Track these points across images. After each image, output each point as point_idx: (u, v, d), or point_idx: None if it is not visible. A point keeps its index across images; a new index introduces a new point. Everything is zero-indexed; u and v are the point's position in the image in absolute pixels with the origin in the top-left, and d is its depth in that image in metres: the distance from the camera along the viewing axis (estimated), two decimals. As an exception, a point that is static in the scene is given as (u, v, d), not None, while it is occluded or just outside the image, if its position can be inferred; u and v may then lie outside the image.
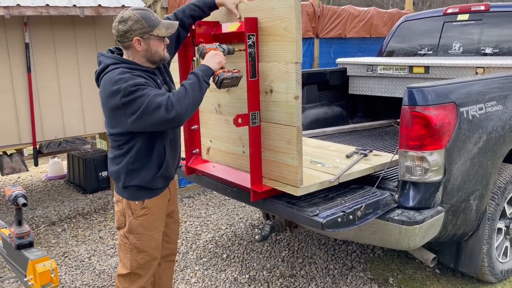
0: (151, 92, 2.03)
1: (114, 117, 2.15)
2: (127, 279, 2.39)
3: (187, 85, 2.11)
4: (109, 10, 4.62)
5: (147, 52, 2.20)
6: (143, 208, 2.30)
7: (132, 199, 2.30)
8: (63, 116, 4.92)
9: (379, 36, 7.94)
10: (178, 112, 2.03)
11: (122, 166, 2.25)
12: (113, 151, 2.31)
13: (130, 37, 2.15)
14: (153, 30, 2.16)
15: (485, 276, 3.11)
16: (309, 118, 4.28)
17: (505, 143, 2.91)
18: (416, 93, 2.47)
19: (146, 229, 2.33)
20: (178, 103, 2.03)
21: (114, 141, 2.26)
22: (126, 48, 2.23)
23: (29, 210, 4.96)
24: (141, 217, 2.31)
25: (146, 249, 2.36)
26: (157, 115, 2.02)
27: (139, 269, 2.38)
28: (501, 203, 3.03)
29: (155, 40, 2.19)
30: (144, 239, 2.34)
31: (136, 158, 2.24)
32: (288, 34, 2.18)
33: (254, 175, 2.47)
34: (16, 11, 4.12)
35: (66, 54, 4.85)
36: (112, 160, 2.31)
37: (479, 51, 4.31)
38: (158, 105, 2.00)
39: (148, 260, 2.38)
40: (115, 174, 2.30)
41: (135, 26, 2.13)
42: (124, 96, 2.02)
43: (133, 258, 2.35)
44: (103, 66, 2.20)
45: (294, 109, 2.25)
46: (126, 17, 2.15)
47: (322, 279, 3.37)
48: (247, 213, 4.70)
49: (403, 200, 2.54)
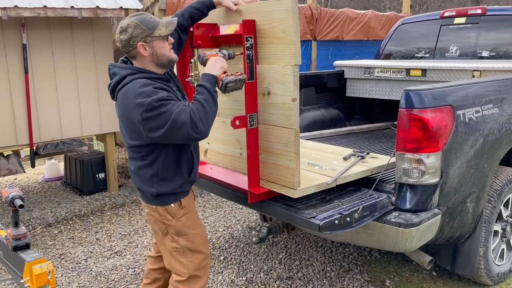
0: (174, 109, 2.02)
1: (134, 130, 2.14)
2: (187, 284, 2.38)
3: (203, 101, 2.11)
4: (107, 11, 4.62)
5: (154, 56, 2.18)
6: (181, 208, 2.31)
7: (167, 203, 2.28)
8: (60, 118, 4.92)
9: (377, 39, 7.98)
10: (202, 130, 2.06)
11: (151, 177, 2.23)
12: (135, 163, 2.27)
13: (133, 44, 2.14)
14: (153, 31, 2.16)
15: (482, 278, 3.11)
16: (307, 120, 4.29)
17: (502, 146, 2.92)
18: (413, 96, 2.48)
19: (191, 228, 2.35)
20: (201, 121, 2.05)
21: (135, 152, 2.24)
22: (134, 57, 2.22)
23: (26, 212, 4.94)
24: (183, 217, 2.31)
25: (198, 247, 2.38)
26: (183, 133, 2.04)
27: (197, 270, 2.39)
28: (498, 205, 3.04)
29: (158, 41, 2.18)
30: (192, 238, 2.35)
31: (166, 167, 2.22)
32: (286, 36, 2.19)
33: (252, 177, 2.48)
34: (13, 12, 4.12)
35: (63, 55, 4.85)
36: (136, 172, 2.28)
37: (476, 54, 4.33)
38: (182, 123, 2.01)
39: (202, 258, 2.41)
40: (144, 185, 2.27)
41: (136, 31, 2.13)
42: (147, 111, 2.01)
43: (188, 260, 2.35)
44: (119, 78, 2.17)
45: (292, 111, 2.25)
46: (124, 26, 2.15)
47: (319, 281, 3.37)
48: (244, 215, 4.70)
49: (400, 202, 2.55)
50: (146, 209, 2.38)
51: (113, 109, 5.44)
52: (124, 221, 4.66)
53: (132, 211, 4.95)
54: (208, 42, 2.63)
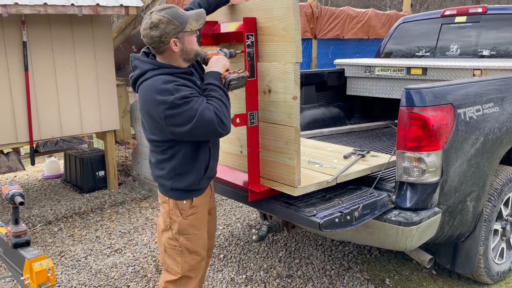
0: (197, 106, 2.02)
1: (155, 125, 2.13)
2: (178, 284, 2.36)
3: (221, 97, 2.13)
4: (107, 9, 4.61)
5: (183, 52, 2.14)
6: (192, 207, 2.29)
7: (180, 198, 2.28)
8: (60, 115, 4.91)
9: (377, 37, 7.97)
10: (227, 126, 2.11)
11: (169, 171, 2.24)
12: (155, 156, 2.28)
13: (165, 41, 2.07)
14: (185, 26, 2.09)
15: (481, 277, 3.12)
16: (307, 118, 4.29)
17: (502, 144, 2.92)
18: (414, 95, 2.48)
19: (196, 229, 2.33)
20: (225, 117, 2.09)
21: (155, 146, 2.24)
22: (161, 53, 2.15)
23: (26, 209, 4.94)
24: (190, 216, 2.29)
25: (196, 249, 2.35)
26: (209, 130, 2.06)
27: (190, 271, 2.36)
28: (498, 204, 3.04)
29: (188, 36, 2.13)
30: (193, 239, 2.32)
31: (183, 163, 2.22)
32: (287, 34, 2.19)
33: (252, 175, 2.47)
34: (13, 10, 4.11)
35: (63, 53, 4.84)
36: (156, 165, 2.29)
37: (477, 53, 4.32)
38: (209, 120, 2.03)
39: (198, 260, 2.37)
40: (161, 179, 2.28)
41: (168, 28, 2.05)
42: (169, 109, 2.00)
43: (184, 260, 2.33)
44: (140, 72, 2.14)
45: (293, 109, 2.25)
46: (156, 21, 2.05)
47: (319, 280, 3.37)
48: (244, 213, 4.70)
49: (400, 201, 2.55)
50: (160, 199, 2.38)
51: (113, 107, 5.44)
52: (124, 219, 4.66)
53: (132, 209, 4.95)
54: (209, 39, 2.63)
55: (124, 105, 5.72)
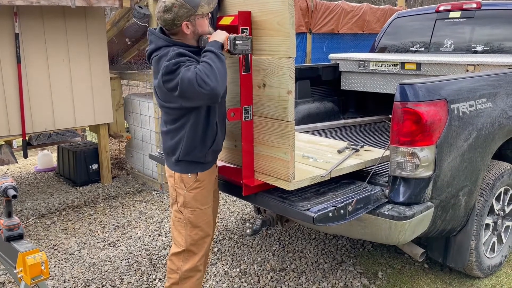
0: (183, 69, 2.08)
1: (162, 92, 2.21)
2: (181, 257, 2.45)
3: (208, 60, 2.13)
4: (101, 1, 4.57)
5: (195, 34, 2.27)
6: (196, 181, 2.37)
7: (185, 172, 2.36)
8: (53, 108, 4.88)
9: (372, 32, 7.98)
10: (210, 84, 2.06)
11: (178, 140, 2.32)
12: (166, 125, 2.37)
13: (178, 24, 2.20)
14: (197, 10, 2.20)
15: (473, 271, 3.15)
16: (301, 113, 4.29)
17: (494, 140, 2.94)
18: (408, 89, 2.49)
19: (199, 203, 2.40)
20: (207, 77, 2.06)
21: (167, 114, 2.33)
22: (174, 34, 2.27)
23: (18, 203, 4.92)
24: (194, 190, 2.37)
25: (200, 224, 2.42)
26: (192, 90, 2.07)
27: (193, 246, 2.44)
28: (490, 199, 3.06)
29: (200, 19, 2.25)
30: (197, 213, 2.40)
31: (192, 133, 2.30)
32: (282, 28, 2.18)
33: (246, 169, 2.48)
34: (6, 1, 4.06)
35: (56, 45, 4.80)
36: (166, 134, 2.38)
37: (470, 49, 4.34)
38: (188, 80, 2.06)
39: (201, 236, 2.45)
40: (171, 148, 2.36)
41: (181, 11, 2.17)
42: (165, 74, 2.11)
43: (187, 234, 2.42)
44: (154, 47, 2.25)
45: (287, 104, 2.25)
46: (169, 5, 2.17)
47: (312, 273, 3.39)
48: (238, 207, 4.71)
49: (393, 195, 2.57)
50: (166, 173, 2.48)
51: (106, 100, 5.41)
52: (117, 212, 4.65)
53: (126, 202, 4.94)
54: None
55: (118, 98, 5.69)
